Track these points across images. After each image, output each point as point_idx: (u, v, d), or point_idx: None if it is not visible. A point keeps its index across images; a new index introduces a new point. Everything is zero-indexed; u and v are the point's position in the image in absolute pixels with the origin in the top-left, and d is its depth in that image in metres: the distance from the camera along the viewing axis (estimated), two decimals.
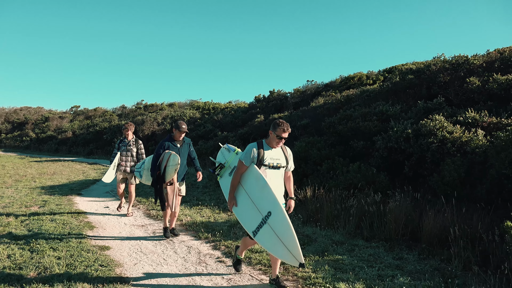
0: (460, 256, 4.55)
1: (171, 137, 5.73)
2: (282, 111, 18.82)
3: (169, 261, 4.84)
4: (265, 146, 3.97)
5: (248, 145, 4.01)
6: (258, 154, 3.90)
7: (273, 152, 3.96)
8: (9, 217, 6.92)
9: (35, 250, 4.98)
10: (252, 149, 3.92)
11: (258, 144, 3.99)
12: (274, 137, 3.89)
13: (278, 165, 3.97)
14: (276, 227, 3.60)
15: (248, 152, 3.93)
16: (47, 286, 3.86)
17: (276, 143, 3.92)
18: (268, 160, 3.92)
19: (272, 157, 3.94)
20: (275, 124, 3.92)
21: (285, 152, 4.07)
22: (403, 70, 11.52)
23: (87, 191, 10.69)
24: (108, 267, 4.46)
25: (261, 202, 3.79)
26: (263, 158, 3.90)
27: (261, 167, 3.92)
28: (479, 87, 8.69)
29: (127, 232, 6.26)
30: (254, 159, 3.91)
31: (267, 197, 3.73)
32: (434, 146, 7.46)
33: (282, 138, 3.88)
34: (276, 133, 3.87)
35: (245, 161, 3.93)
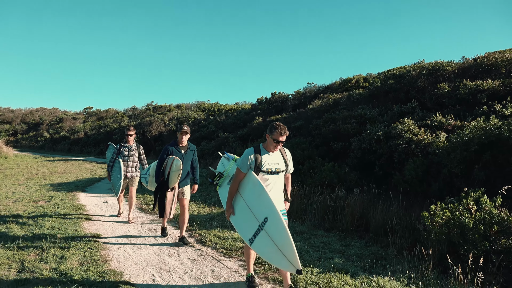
0: (395, 243, 5.27)
1: (176, 142, 5.65)
2: (281, 113, 19.57)
3: (147, 244, 5.66)
4: (262, 150, 3.80)
5: (245, 151, 3.87)
6: (256, 160, 3.74)
7: (271, 156, 3.80)
8: (18, 209, 7.82)
9: (36, 236, 5.84)
10: (249, 156, 3.76)
11: (255, 149, 3.82)
12: (271, 141, 3.73)
13: (277, 170, 3.81)
14: (273, 233, 3.49)
15: (245, 159, 3.77)
16: (42, 251, 4.70)
17: (274, 147, 3.75)
18: (266, 166, 3.76)
19: (270, 162, 3.78)
20: (271, 127, 3.75)
21: (284, 156, 3.92)
22: (387, 75, 12.18)
23: (91, 188, 11.60)
24: (97, 252, 5.28)
25: (258, 209, 3.66)
26: (261, 164, 3.75)
27: (259, 173, 3.77)
28: (449, 92, 9.33)
29: (119, 223, 7.10)
30: (252, 166, 3.75)
31: (264, 203, 3.60)
32: (401, 147, 8.15)
33: (279, 142, 3.72)
34: (273, 137, 3.71)
35: (242, 168, 3.79)
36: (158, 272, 4.52)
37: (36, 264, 4.60)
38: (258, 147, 3.82)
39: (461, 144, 6.60)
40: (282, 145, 3.81)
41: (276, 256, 3.46)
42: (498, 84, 8.97)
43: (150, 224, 7.05)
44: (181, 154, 5.59)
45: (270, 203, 3.54)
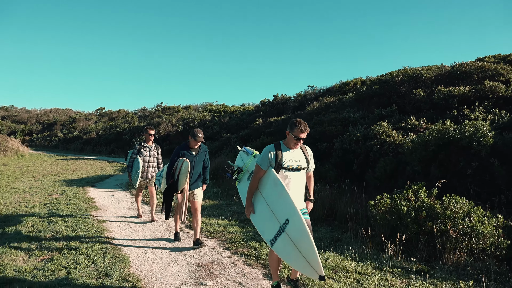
0: (353, 228, 6.20)
1: (187, 145, 5.56)
2: (282, 114, 20.50)
3: (145, 229, 6.66)
4: (283, 147, 3.73)
5: (265, 147, 3.81)
6: (276, 156, 3.67)
7: (292, 153, 3.73)
8: (35, 201, 8.89)
9: (51, 222, 6.88)
10: (269, 152, 3.69)
11: (275, 146, 3.75)
12: (291, 138, 3.66)
13: (298, 167, 3.75)
14: (294, 236, 3.42)
15: (265, 156, 3.70)
16: (55, 236, 5.73)
17: (294, 144, 3.68)
18: (287, 163, 3.69)
19: (291, 159, 3.72)
20: (292, 124, 3.67)
21: (305, 153, 3.85)
22: (374, 80, 13.04)
23: (101, 183, 12.68)
24: (100, 232, 6.30)
25: (278, 209, 3.60)
26: (281, 160, 3.68)
27: (280, 170, 3.70)
28: (424, 97, 10.19)
29: (122, 213, 8.12)
30: (272, 162, 3.69)
31: (285, 204, 3.53)
32: (375, 148, 9.04)
33: (300, 139, 3.65)
34: (293, 134, 3.63)
35: (262, 165, 3.72)
36: (150, 249, 5.51)
37: (52, 242, 5.62)
38: (279, 144, 3.76)
39: (421, 145, 7.48)
40: (302, 142, 3.75)
41: (298, 261, 3.39)
42: (469, 90, 9.80)
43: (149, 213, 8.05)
44: (193, 156, 5.51)
45: (291, 204, 3.47)
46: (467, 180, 6.81)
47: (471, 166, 6.67)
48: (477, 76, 10.43)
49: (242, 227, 6.71)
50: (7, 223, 6.66)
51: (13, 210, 7.75)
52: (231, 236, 6.09)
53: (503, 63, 11.46)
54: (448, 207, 5.04)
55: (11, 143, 24.26)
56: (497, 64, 10.82)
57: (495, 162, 6.53)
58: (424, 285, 4.09)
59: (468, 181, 6.78)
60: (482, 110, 9.13)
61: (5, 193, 9.81)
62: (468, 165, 6.70)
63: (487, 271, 4.34)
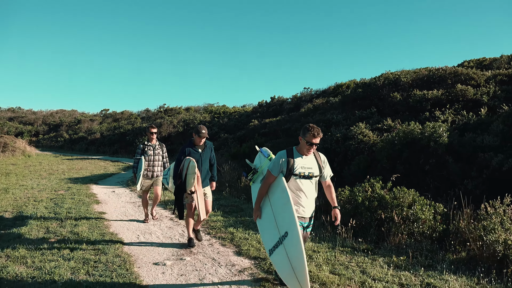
0: (321, 218, 7.03)
1: (192, 142, 5.52)
2: (277, 116, 21.35)
3: (139, 219, 7.53)
4: (295, 153, 3.69)
5: (277, 153, 3.81)
6: (288, 163, 3.62)
7: (304, 160, 3.69)
8: (42, 196, 9.78)
9: (57, 213, 7.76)
10: (280, 159, 3.66)
11: (287, 152, 3.71)
12: (304, 143, 3.61)
13: (310, 174, 3.70)
14: (290, 250, 3.40)
15: (276, 161, 3.68)
16: (60, 224, 6.60)
17: (307, 150, 3.63)
18: (298, 169, 3.64)
19: (303, 166, 3.67)
20: (304, 129, 3.63)
21: (318, 160, 3.80)
22: (359, 84, 13.86)
23: (103, 181, 13.58)
24: (100, 221, 7.17)
25: (281, 219, 3.56)
26: (293, 167, 3.62)
27: (291, 177, 3.65)
28: (401, 100, 11.00)
29: (121, 206, 8.99)
30: (283, 169, 3.64)
31: (287, 215, 3.48)
32: (353, 147, 9.86)
33: (313, 145, 3.60)
34: (306, 139, 3.58)
35: (273, 171, 3.69)
36: (142, 234, 6.38)
37: (57, 228, 6.50)
38: (291, 150, 3.71)
39: (389, 144, 8.31)
40: (315, 148, 3.69)
41: (288, 274, 3.40)
42: (442, 93, 10.60)
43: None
44: (199, 153, 5.48)
45: (292, 216, 3.41)
46: (427, 175, 7.63)
47: (429, 163, 7.49)
48: (450, 80, 11.22)
49: (225, 217, 7.57)
50: (19, 214, 7.56)
51: (23, 204, 8.65)
52: (213, 224, 6.95)
53: (476, 68, 12.24)
54: (397, 197, 5.87)
55: (18, 144, 25.26)
56: (471, 69, 11.60)
57: (449, 159, 7.34)
58: (365, 260, 4.93)
59: (428, 177, 7.60)
60: (452, 112, 9.92)
61: (15, 189, 10.71)
62: (426, 162, 7.52)
63: (421, 249, 5.17)
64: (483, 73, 11.41)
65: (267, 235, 3.73)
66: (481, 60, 13.78)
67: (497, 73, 11.34)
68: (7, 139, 25.12)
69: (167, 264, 4.88)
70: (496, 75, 11.22)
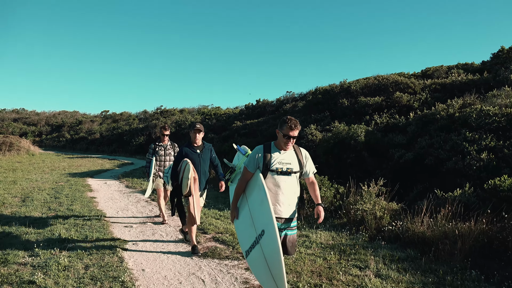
0: None
1: (190, 143, 5.38)
2: (259, 117, 23.27)
3: (127, 205, 9.51)
4: (272, 148, 3.51)
5: (255, 148, 3.60)
6: (264, 158, 3.43)
7: (282, 155, 3.49)
8: (45, 186, 11.78)
9: (57, 197, 9.74)
10: (257, 154, 3.48)
11: (264, 146, 3.53)
12: (281, 136, 3.45)
13: (289, 170, 3.47)
14: (266, 249, 3.23)
15: (252, 157, 3.50)
16: (59, 204, 8.58)
17: (285, 143, 3.44)
18: (276, 165, 3.43)
19: (281, 161, 3.46)
20: (282, 122, 3.46)
21: (298, 155, 3.58)
22: (321, 90, 15.82)
23: (98, 175, 15.59)
24: (92, 203, 9.13)
25: (258, 218, 3.37)
26: (269, 162, 3.43)
27: (268, 173, 3.45)
28: (348, 106, 12.95)
29: (109, 193, 10.97)
30: (260, 164, 3.45)
31: (264, 212, 3.28)
32: (304, 145, 11.81)
33: (290, 138, 3.40)
34: (283, 132, 3.41)
35: (249, 166, 3.51)
36: (121, 210, 8.35)
37: (57, 207, 8.49)
38: (269, 145, 3.54)
39: (324, 142, 10.27)
40: (294, 141, 3.48)
41: (264, 275, 3.26)
42: (382, 100, 12.54)
43: (135, 193, 10.89)
44: (197, 154, 5.32)
45: (269, 214, 3.21)
46: (351, 168, 9.58)
47: (350, 157, 9.45)
48: (392, 88, 13.14)
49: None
50: (26, 199, 9.55)
51: (29, 191, 10.64)
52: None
53: (421, 77, 14.18)
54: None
55: (23, 143, 27.33)
56: (409, 78, 13.55)
57: (365, 154, 9.30)
58: None
59: (352, 169, 9.55)
60: (388, 116, 11.86)
61: (22, 182, 12.72)
62: (349, 156, 9.48)
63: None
64: (419, 82, 13.34)
65: (244, 236, 3.51)
66: (426, 70, 15.72)
67: (433, 82, 13.27)
68: (12, 139, 27.19)
69: (133, 226, 6.87)
70: (431, 84, 13.15)
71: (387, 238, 5.77)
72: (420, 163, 8.30)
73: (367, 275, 4.37)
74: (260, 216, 3.35)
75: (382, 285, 4.09)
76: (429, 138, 8.79)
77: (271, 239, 3.18)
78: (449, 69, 14.99)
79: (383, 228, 6.02)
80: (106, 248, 5.43)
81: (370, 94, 13.38)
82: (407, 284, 4.13)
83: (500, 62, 14.20)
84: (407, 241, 5.50)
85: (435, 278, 4.27)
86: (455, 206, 5.64)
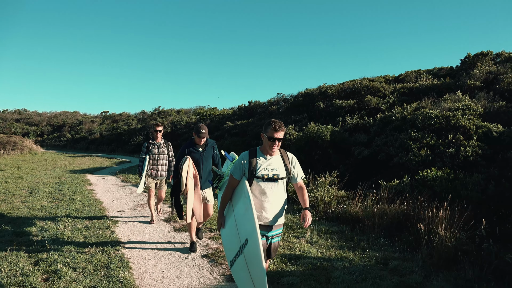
0: None
1: (192, 142, 5.35)
2: (250, 118, 24.57)
3: (121, 196, 10.82)
4: (258, 153, 3.42)
5: (240, 154, 3.54)
6: (250, 164, 3.34)
7: (268, 160, 3.39)
8: (49, 181, 13.09)
9: (60, 189, 11.05)
10: (242, 160, 3.38)
11: (250, 152, 3.43)
12: (266, 140, 3.36)
13: (275, 176, 3.37)
14: (250, 259, 3.15)
15: (238, 163, 3.40)
16: (62, 195, 9.89)
17: (270, 147, 3.35)
18: (261, 171, 3.33)
19: (266, 167, 3.36)
20: (266, 125, 3.38)
21: (285, 160, 3.49)
22: (303, 93, 17.13)
23: (97, 172, 16.90)
24: (91, 194, 10.44)
25: (242, 226, 3.28)
26: (255, 168, 3.33)
27: (254, 180, 3.34)
28: (324, 108, 14.26)
29: (107, 186, 12.27)
30: (245, 171, 3.35)
31: (248, 221, 3.19)
32: (282, 144, 13.14)
33: (275, 140, 3.32)
34: (267, 135, 3.32)
35: (234, 174, 3.41)
36: (116, 200, 9.65)
37: (60, 197, 9.79)
38: (254, 150, 3.46)
39: (298, 141, 11.57)
40: (279, 144, 3.40)
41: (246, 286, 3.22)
42: (354, 103, 13.84)
43: (129, 187, 12.19)
44: (199, 153, 5.29)
45: (252, 222, 3.15)
46: (319, 163, 10.89)
47: (317, 153, 10.76)
48: (364, 92, 14.45)
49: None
50: (33, 191, 10.87)
51: (35, 185, 11.95)
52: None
53: (393, 81, 15.48)
54: None
55: (26, 143, 28.63)
56: (380, 83, 14.84)
57: (330, 151, 10.61)
58: None
59: (319, 164, 10.86)
60: (358, 117, 13.16)
61: (27, 177, 14.02)
62: (316, 153, 10.79)
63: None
64: (390, 86, 14.63)
65: (229, 245, 3.44)
66: (398, 75, 17.02)
67: (402, 86, 14.57)
68: (16, 139, 28.49)
69: (125, 211, 8.20)
70: (400, 88, 14.45)
71: (330, 218, 7.07)
72: (375, 159, 9.61)
73: (301, 242, 5.68)
74: (244, 225, 3.26)
75: (308, 247, 5.40)
76: (385, 137, 10.09)
77: (254, 249, 3.10)
78: (418, 74, 16.30)
79: (329, 210, 7.33)
80: (101, 225, 6.75)
81: (344, 98, 14.67)
82: (327, 247, 5.44)
83: (465, 68, 15.49)
84: (344, 220, 6.82)
85: (352, 243, 5.58)
86: (392, 193, 6.97)
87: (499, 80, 12.14)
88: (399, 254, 5.19)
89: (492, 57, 15.83)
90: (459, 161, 8.07)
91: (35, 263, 4.78)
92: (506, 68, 13.19)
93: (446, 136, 8.83)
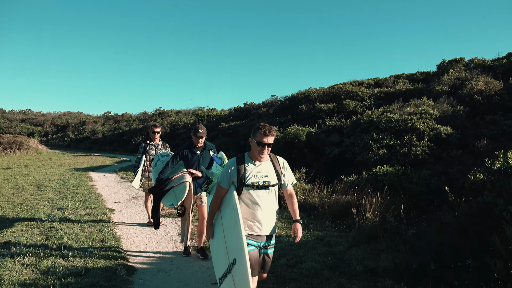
0: None
1: (191, 144, 5.29)
2: (244, 119, 25.80)
3: (119, 190, 12.10)
4: (247, 160, 3.17)
5: (228, 161, 3.30)
6: (238, 171, 3.09)
7: (258, 167, 3.15)
8: (54, 178, 14.39)
9: (64, 185, 12.33)
10: (230, 167, 3.13)
11: (237, 159, 3.18)
12: (255, 145, 3.13)
13: (266, 183, 3.12)
14: (238, 280, 2.93)
15: (225, 171, 3.16)
16: (67, 189, 11.17)
17: (259, 152, 3.12)
18: (251, 179, 3.09)
19: (256, 174, 3.12)
20: (255, 129, 3.16)
21: (276, 165, 3.24)
22: (289, 97, 18.38)
23: (99, 170, 18.21)
24: (92, 189, 11.71)
25: (231, 243, 3.03)
26: (244, 176, 3.08)
27: (244, 188, 3.10)
28: (306, 111, 15.50)
29: (107, 182, 13.55)
30: (234, 179, 3.11)
31: (236, 239, 2.96)
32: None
33: (265, 145, 3.08)
34: (256, 139, 3.10)
35: (222, 182, 3.16)
36: (115, 193, 10.93)
37: (65, 191, 11.08)
38: (242, 156, 3.22)
39: (278, 141, 12.82)
40: (269, 150, 3.16)
41: None
42: (333, 106, 15.07)
43: (122, 181, 13.47)
44: (197, 156, 5.24)
45: (241, 241, 2.91)
46: (296, 161, 12.12)
47: (294, 153, 12.01)
48: (343, 96, 15.67)
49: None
50: (40, 186, 12.17)
51: (42, 181, 13.25)
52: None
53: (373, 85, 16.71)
54: None
55: (31, 143, 29.99)
56: (359, 87, 16.08)
57: (305, 151, 11.86)
58: None
59: (296, 162, 12.09)
60: (337, 120, 14.39)
61: (34, 174, 15.34)
62: (293, 152, 12.04)
63: None
64: (368, 91, 15.85)
65: (218, 260, 3.21)
66: (377, 80, 18.24)
67: (379, 90, 15.79)
68: (22, 139, 29.86)
69: (121, 202, 9.48)
70: (377, 92, 15.67)
71: None
72: (343, 157, 10.85)
73: None
74: (233, 242, 3.02)
75: None
76: (354, 138, 11.33)
77: (242, 271, 2.87)
78: (397, 79, 17.51)
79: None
80: (99, 212, 8.04)
81: (326, 101, 15.90)
82: (280, 228, 6.69)
83: (440, 73, 16.69)
84: (304, 208, 8.05)
85: (302, 226, 6.82)
86: (348, 186, 8.21)
87: (463, 86, 13.34)
88: (337, 233, 6.43)
89: (465, 63, 17.02)
90: (410, 159, 9.31)
91: (45, 238, 6.06)
92: (473, 74, 14.38)
93: (402, 137, 10.06)
